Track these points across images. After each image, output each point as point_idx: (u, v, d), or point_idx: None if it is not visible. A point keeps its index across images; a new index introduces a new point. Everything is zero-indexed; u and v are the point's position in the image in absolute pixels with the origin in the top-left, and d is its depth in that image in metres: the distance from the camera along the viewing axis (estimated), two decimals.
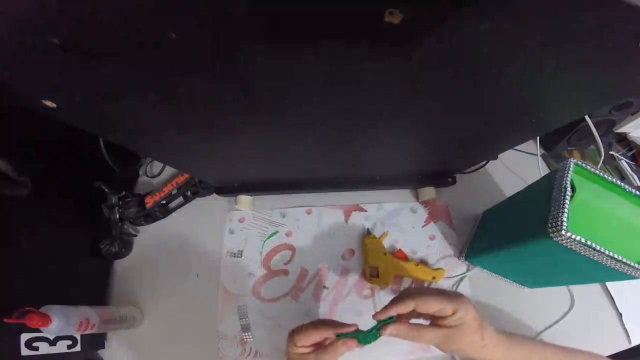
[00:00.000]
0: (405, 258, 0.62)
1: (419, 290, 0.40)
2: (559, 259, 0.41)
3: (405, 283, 0.60)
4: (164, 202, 0.64)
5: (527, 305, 0.58)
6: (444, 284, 0.60)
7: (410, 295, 0.39)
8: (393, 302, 0.39)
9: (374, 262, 0.60)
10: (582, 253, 0.37)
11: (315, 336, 0.40)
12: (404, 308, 0.38)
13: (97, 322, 0.47)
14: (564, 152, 0.74)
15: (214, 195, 0.65)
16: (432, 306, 0.38)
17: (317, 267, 0.61)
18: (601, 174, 0.40)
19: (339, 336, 0.40)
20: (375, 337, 0.40)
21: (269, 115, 0.34)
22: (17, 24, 0.20)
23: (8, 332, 0.43)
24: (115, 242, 0.59)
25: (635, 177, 0.70)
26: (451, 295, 0.39)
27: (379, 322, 0.40)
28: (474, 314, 0.38)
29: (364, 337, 0.40)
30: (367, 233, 0.64)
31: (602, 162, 0.64)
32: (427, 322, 0.41)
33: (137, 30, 0.21)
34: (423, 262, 0.61)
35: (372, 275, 0.60)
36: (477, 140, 0.48)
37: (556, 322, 0.57)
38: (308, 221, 0.65)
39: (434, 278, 0.59)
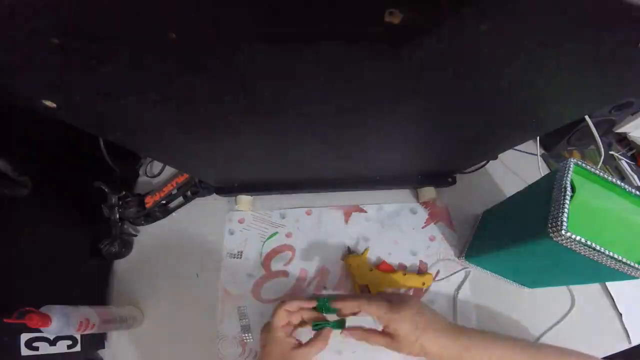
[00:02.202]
0: (391, 269, 0.60)
1: (369, 297, 0.46)
2: (559, 259, 0.41)
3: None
4: (164, 202, 0.64)
5: (527, 306, 0.58)
6: (443, 284, 0.60)
7: (359, 299, 0.45)
8: (345, 297, 0.46)
9: (362, 280, 0.58)
10: (582, 253, 0.37)
11: (304, 303, 0.46)
12: (350, 308, 0.45)
13: (97, 322, 0.47)
14: (564, 152, 0.74)
15: (214, 195, 0.65)
16: (372, 313, 0.44)
17: (317, 268, 0.61)
18: (601, 174, 0.40)
19: (315, 325, 0.46)
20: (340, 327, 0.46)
21: (269, 115, 0.34)
22: (17, 23, 0.20)
23: (8, 332, 0.43)
24: (115, 242, 0.59)
25: (635, 177, 0.70)
26: (391, 307, 0.43)
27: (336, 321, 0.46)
28: (408, 327, 0.41)
29: (335, 325, 0.46)
30: (349, 252, 0.61)
31: (602, 162, 0.64)
32: None
33: (137, 30, 0.21)
34: (410, 271, 0.60)
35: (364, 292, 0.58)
36: (477, 140, 0.48)
37: (556, 322, 0.57)
38: (308, 222, 0.65)
39: (423, 284, 0.58)
